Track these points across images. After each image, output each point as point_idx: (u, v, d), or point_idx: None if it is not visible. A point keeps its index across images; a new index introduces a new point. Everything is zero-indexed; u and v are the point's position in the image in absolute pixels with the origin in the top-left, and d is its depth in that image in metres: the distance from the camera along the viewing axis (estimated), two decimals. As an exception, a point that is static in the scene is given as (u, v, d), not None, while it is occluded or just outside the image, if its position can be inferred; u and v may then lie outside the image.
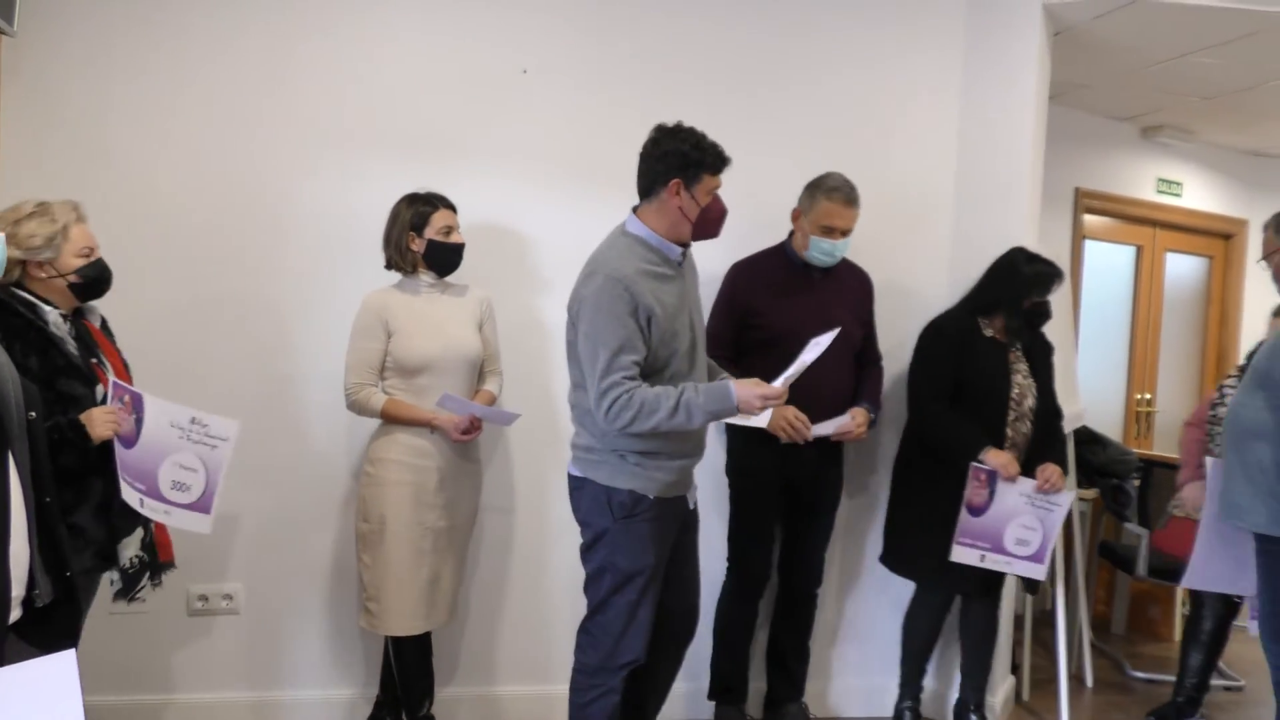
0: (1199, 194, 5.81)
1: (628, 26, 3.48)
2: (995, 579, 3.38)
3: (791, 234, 3.34)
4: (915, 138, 3.72)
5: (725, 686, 3.45)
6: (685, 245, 2.68)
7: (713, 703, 3.49)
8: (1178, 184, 5.68)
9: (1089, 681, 4.21)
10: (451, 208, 3.04)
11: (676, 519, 2.72)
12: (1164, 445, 5.51)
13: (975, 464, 3.16)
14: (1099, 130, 5.30)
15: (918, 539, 3.30)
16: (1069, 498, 3.27)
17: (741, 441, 3.34)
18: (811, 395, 3.12)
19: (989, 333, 3.32)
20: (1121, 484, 4.38)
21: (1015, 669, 4.02)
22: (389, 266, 3.03)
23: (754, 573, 3.38)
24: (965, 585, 3.34)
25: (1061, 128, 4.58)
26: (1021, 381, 3.31)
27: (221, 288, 3.24)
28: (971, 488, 3.15)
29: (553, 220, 3.42)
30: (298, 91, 3.25)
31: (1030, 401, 3.32)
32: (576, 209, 3.37)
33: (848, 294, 3.37)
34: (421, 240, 2.99)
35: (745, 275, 3.32)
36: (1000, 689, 3.72)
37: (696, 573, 2.90)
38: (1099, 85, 4.72)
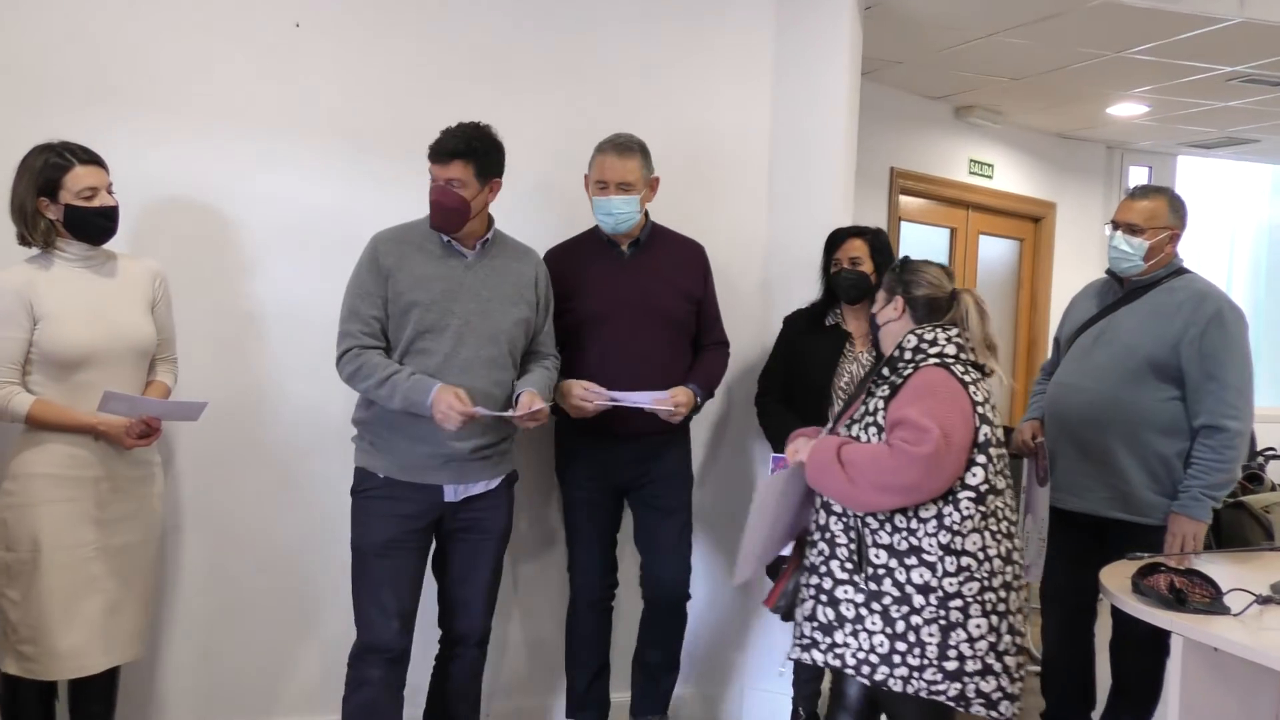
0: (1009, 176, 5.88)
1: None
2: None
3: None
4: (728, 107, 3.55)
5: (578, 704, 3.20)
6: (479, 238, 2.75)
7: None
8: (989, 165, 5.74)
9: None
10: (95, 162, 2.52)
11: (418, 505, 2.69)
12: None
13: (774, 455, 3.08)
14: (913, 109, 5.28)
15: None
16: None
17: (559, 438, 3.13)
18: (634, 380, 2.92)
19: (832, 321, 3.23)
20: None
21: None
22: (21, 242, 2.51)
23: (586, 581, 3.13)
24: None
25: (876, 105, 4.51)
26: (858, 370, 3.13)
27: None
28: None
29: (321, 191, 3.08)
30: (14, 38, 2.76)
31: None
32: (352, 181, 3.10)
33: (668, 269, 3.09)
34: (57, 206, 2.47)
35: (553, 261, 3.03)
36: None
37: (476, 570, 2.81)
38: (912, 62, 4.69)
